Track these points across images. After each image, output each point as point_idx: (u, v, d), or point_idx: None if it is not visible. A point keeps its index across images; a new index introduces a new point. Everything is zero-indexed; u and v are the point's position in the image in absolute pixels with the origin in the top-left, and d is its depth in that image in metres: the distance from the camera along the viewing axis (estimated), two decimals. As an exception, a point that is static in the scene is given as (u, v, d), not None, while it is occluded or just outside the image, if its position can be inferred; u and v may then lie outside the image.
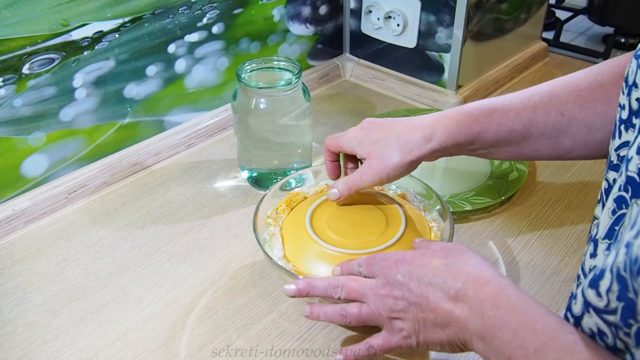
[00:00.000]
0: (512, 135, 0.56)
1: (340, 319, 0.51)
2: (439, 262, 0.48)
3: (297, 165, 0.78)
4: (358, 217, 0.62)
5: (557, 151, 0.57)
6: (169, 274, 0.66)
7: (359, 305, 0.50)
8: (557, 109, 0.55)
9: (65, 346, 0.58)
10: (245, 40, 0.92)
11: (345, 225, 0.61)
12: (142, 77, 0.81)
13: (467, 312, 0.44)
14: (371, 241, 0.59)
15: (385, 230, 0.60)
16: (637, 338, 0.35)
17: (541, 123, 0.55)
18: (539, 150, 0.57)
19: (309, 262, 0.58)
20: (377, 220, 0.61)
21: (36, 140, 0.73)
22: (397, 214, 0.62)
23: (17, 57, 0.68)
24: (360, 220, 0.61)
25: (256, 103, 0.72)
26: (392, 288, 0.48)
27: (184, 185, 0.81)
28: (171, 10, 0.80)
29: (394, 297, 0.48)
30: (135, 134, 0.84)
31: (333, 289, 0.51)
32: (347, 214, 0.62)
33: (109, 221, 0.74)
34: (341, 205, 0.63)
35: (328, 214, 0.62)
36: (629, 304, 0.34)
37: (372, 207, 0.63)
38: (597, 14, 1.25)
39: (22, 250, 0.70)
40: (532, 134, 0.56)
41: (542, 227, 0.72)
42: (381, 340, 0.49)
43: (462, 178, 0.80)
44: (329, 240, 0.59)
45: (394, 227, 0.60)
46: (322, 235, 0.59)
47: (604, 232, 0.44)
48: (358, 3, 1.02)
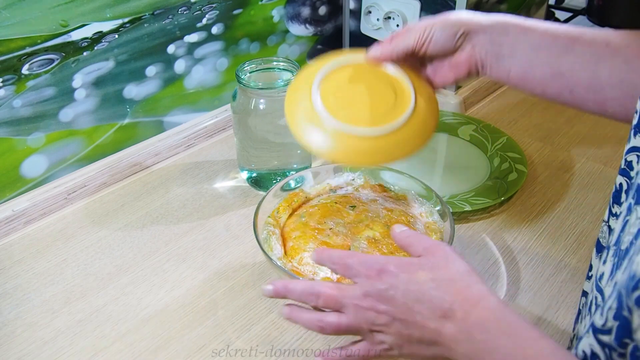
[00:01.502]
0: (557, 40, 0.53)
1: (318, 329, 0.48)
2: (425, 277, 0.45)
3: (297, 165, 0.78)
4: (366, 91, 0.57)
5: (591, 81, 0.52)
6: (168, 274, 0.66)
7: (338, 316, 0.47)
8: (603, 39, 0.51)
9: (65, 347, 0.58)
10: (245, 41, 0.92)
11: (352, 97, 0.56)
12: (142, 77, 0.81)
13: (455, 333, 0.43)
14: (376, 117, 0.54)
15: (392, 108, 0.55)
16: (632, 358, 0.34)
17: (585, 43, 0.52)
18: (576, 72, 0.52)
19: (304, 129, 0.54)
20: (385, 98, 0.56)
21: (36, 141, 0.73)
22: (408, 95, 0.56)
23: (16, 57, 0.68)
24: (368, 94, 0.57)
25: (256, 103, 0.72)
26: (374, 301, 0.46)
27: (184, 185, 0.81)
28: (171, 10, 0.80)
29: (376, 311, 0.46)
30: (134, 134, 0.84)
31: (309, 296, 0.48)
32: (355, 87, 0.57)
33: (109, 222, 0.74)
34: (352, 78, 0.58)
35: (336, 84, 0.57)
36: (624, 323, 0.33)
37: (383, 84, 0.57)
38: (596, 14, 1.25)
39: (22, 251, 0.70)
40: (575, 49, 0.52)
41: (542, 227, 0.72)
42: (362, 351, 0.48)
43: (462, 179, 0.80)
44: (332, 110, 0.54)
45: (400, 108, 0.55)
46: (327, 103, 0.55)
47: (615, 239, 0.43)
48: (357, 4, 1.02)
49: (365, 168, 0.69)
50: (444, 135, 0.90)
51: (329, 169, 0.72)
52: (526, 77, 0.55)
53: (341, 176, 0.71)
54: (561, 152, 0.87)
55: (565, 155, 0.86)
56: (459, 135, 0.89)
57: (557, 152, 0.87)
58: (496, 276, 0.65)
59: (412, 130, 0.56)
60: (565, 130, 0.92)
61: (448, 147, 0.88)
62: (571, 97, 0.54)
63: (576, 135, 0.91)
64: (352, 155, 0.55)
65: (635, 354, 0.35)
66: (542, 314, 0.61)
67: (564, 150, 0.87)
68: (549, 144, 0.89)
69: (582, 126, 0.93)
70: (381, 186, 0.70)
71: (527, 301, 0.62)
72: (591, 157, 0.85)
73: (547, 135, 0.91)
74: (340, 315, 0.47)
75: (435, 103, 0.59)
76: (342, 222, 0.63)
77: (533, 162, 0.84)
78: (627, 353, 0.34)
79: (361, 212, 0.64)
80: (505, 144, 0.85)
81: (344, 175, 0.72)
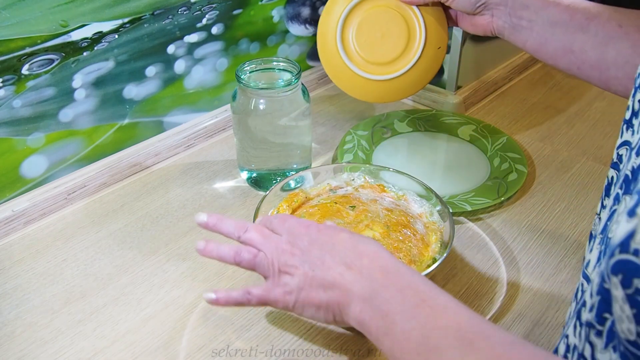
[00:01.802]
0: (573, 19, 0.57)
1: (232, 258, 0.51)
2: (346, 236, 0.50)
3: (297, 166, 0.78)
4: (383, 33, 0.67)
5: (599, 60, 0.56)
6: (168, 274, 0.66)
7: (256, 252, 0.51)
8: (617, 21, 0.55)
9: (64, 347, 0.58)
10: (245, 41, 0.92)
11: (370, 39, 0.68)
12: (142, 77, 0.81)
13: (357, 276, 0.46)
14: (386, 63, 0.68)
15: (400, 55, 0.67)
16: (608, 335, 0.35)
17: (600, 23, 0.55)
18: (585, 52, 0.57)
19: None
20: (397, 43, 0.67)
21: (35, 141, 0.73)
22: (418, 45, 0.67)
23: (16, 57, 0.68)
24: (384, 37, 0.67)
25: (255, 104, 0.72)
26: (293, 246, 0.49)
27: (184, 186, 0.81)
28: (170, 11, 0.80)
29: (292, 254, 0.49)
30: (134, 134, 0.84)
31: (238, 228, 0.52)
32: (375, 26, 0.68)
33: (108, 222, 0.74)
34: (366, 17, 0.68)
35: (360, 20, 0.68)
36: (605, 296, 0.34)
37: (399, 28, 0.67)
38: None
39: (21, 251, 0.70)
40: (589, 29, 0.56)
41: (542, 227, 0.72)
42: (261, 290, 0.50)
43: (462, 179, 0.80)
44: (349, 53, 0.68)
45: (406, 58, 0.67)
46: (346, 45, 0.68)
47: (601, 228, 0.44)
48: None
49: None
50: (444, 136, 0.90)
51: (328, 169, 0.72)
52: (540, 49, 0.61)
53: (341, 176, 0.71)
54: (561, 152, 0.87)
55: (565, 155, 0.86)
56: (459, 135, 0.89)
57: (557, 152, 0.87)
58: (496, 276, 0.65)
59: (410, 79, 0.69)
60: (565, 130, 0.92)
61: (448, 147, 0.88)
62: (578, 72, 0.58)
63: (576, 135, 0.91)
64: (361, 93, 0.71)
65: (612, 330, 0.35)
66: (542, 314, 0.61)
67: (564, 150, 0.87)
68: (549, 144, 0.89)
69: (582, 126, 0.93)
70: (381, 186, 0.70)
71: (527, 301, 0.62)
72: (591, 157, 0.85)
73: (547, 135, 0.91)
74: (258, 252, 0.51)
75: (442, 53, 0.69)
76: (342, 222, 0.63)
77: (533, 162, 0.84)
78: (604, 330, 0.36)
79: (361, 212, 0.64)
80: (505, 144, 0.85)
81: (344, 175, 0.72)
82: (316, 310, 0.48)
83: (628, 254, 0.32)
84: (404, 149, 0.87)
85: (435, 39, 0.67)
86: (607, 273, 0.33)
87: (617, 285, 0.33)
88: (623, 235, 0.33)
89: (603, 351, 0.36)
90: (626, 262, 0.32)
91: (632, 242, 0.32)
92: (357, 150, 0.84)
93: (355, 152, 0.84)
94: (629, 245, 0.32)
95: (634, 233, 0.32)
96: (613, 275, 0.33)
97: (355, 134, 0.88)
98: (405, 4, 0.67)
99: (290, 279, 0.48)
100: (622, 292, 0.33)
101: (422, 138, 0.90)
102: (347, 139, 0.86)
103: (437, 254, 0.60)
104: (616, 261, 0.33)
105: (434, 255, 0.60)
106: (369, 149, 0.86)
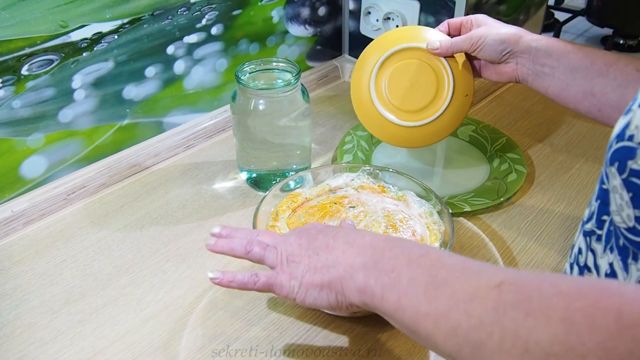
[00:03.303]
0: (594, 65, 0.60)
1: (243, 250, 0.53)
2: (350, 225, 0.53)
3: (296, 166, 0.78)
4: (413, 82, 0.72)
5: (619, 102, 0.58)
6: (168, 275, 0.66)
7: (265, 245, 0.53)
8: (634, 66, 0.58)
9: (64, 347, 0.58)
10: (244, 42, 0.92)
11: (401, 87, 0.72)
12: (141, 78, 0.81)
13: (359, 250, 0.47)
14: (416, 110, 0.72)
15: (430, 103, 0.71)
16: (607, 237, 0.37)
17: (619, 68, 0.58)
18: (606, 94, 0.59)
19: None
20: (427, 92, 0.71)
21: (35, 142, 0.73)
22: (447, 92, 0.70)
23: (16, 58, 0.68)
24: (414, 86, 0.71)
25: (255, 104, 0.72)
26: (301, 238, 0.51)
27: (183, 186, 0.81)
28: (170, 11, 0.80)
29: (299, 245, 0.51)
30: (134, 135, 0.84)
31: (250, 233, 0.54)
32: (406, 75, 0.72)
33: (108, 222, 0.74)
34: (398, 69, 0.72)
35: (392, 69, 0.72)
36: (603, 198, 0.37)
37: (429, 77, 0.71)
38: (596, 15, 1.25)
39: (21, 252, 0.70)
40: (609, 73, 0.59)
41: (541, 228, 0.72)
42: (267, 276, 0.51)
43: (461, 179, 0.80)
44: (382, 99, 0.72)
45: (436, 106, 0.71)
46: (379, 91, 0.73)
47: None
48: (357, 4, 1.02)
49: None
50: (444, 136, 0.90)
51: (328, 169, 0.72)
52: (562, 94, 0.63)
53: (340, 177, 0.71)
54: (561, 152, 0.87)
55: (565, 156, 0.86)
56: (459, 135, 0.89)
57: (557, 152, 0.87)
58: (496, 276, 0.65)
59: (440, 125, 0.72)
60: (565, 130, 0.92)
61: (447, 147, 0.88)
62: (600, 114, 0.61)
63: (576, 135, 0.91)
64: (391, 138, 0.74)
65: (609, 230, 0.38)
66: (541, 314, 0.61)
67: (564, 150, 0.87)
68: (549, 144, 0.89)
69: (582, 126, 0.93)
70: (381, 187, 0.70)
71: (526, 301, 0.62)
72: (591, 158, 0.85)
73: (547, 136, 0.91)
74: (268, 247, 0.52)
75: (469, 100, 0.72)
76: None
77: (532, 163, 0.84)
78: (602, 235, 0.38)
79: (361, 212, 0.64)
80: (504, 144, 0.85)
81: (344, 176, 0.72)
82: (319, 292, 0.48)
83: (623, 141, 0.35)
84: (404, 149, 0.87)
85: (463, 87, 0.71)
86: (606, 169, 0.36)
87: (614, 175, 0.36)
88: (619, 129, 0.36)
89: (602, 255, 0.38)
90: (621, 149, 0.35)
91: (627, 131, 0.35)
92: (357, 151, 0.84)
93: (355, 153, 0.84)
94: (624, 134, 0.36)
95: (629, 123, 0.35)
96: (611, 166, 0.36)
97: (355, 134, 0.88)
98: (433, 56, 0.70)
99: (296, 267, 0.50)
100: (619, 180, 0.36)
101: (421, 138, 0.90)
102: (347, 140, 0.86)
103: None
104: (613, 151, 0.36)
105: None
106: (369, 149, 0.86)
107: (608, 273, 0.39)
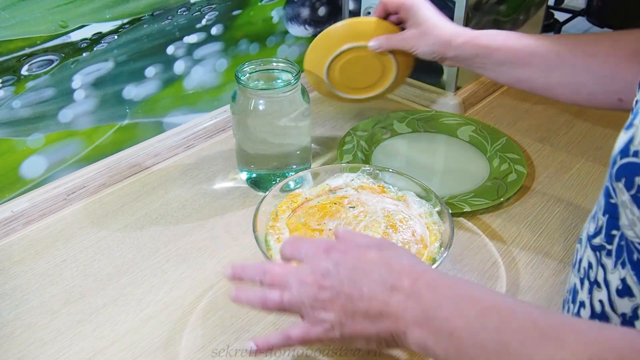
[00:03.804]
0: (517, 57, 0.67)
1: (261, 304, 0.48)
2: (374, 255, 0.46)
3: (296, 166, 0.78)
4: (362, 69, 0.80)
5: (545, 85, 0.66)
6: (167, 275, 0.66)
7: (281, 291, 0.47)
8: (556, 50, 0.65)
9: (64, 348, 0.58)
10: (244, 42, 0.92)
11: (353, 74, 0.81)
12: (141, 78, 0.81)
13: (403, 300, 0.43)
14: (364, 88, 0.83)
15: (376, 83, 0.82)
16: (617, 252, 0.37)
17: (541, 56, 0.65)
18: (533, 80, 0.67)
19: None
20: (373, 75, 0.81)
21: (35, 142, 0.73)
22: (391, 65, 0.80)
23: (15, 58, 0.68)
24: (363, 72, 0.80)
25: (255, 104, 0.72)
26: (318, 277, 0.46)
27: (183, 186, 0.81)
28: (170, 11, 0.80)
29: (320, 286, 0.45)
30: (134, 135, 0.84)
31: (258, 273, 0.49)
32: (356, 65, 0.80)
33: (108, 222, 0.74)
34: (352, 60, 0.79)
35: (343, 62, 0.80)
36: (612, 212, 0.37)
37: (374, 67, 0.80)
38: (595, 15, 1.25)
39: (21, 252, 0.70)
40: (532, 63, 0.66)
41: (541, 228, 0.72)
42: (300, 331, 0.46)
43: (461, 179, 0.80)
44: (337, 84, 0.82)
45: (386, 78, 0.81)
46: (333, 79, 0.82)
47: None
48: (357, 4, 1.02)
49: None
50: (443, 136, 0.90)
51: (328, 169, 0.72)
52: (497, 81, 0.73)
53: (340, 177, 0.71)
54: (561, 152, 0.87)
55: (565, 156, 0.86)
56: (459, 136, 0.89)
57: (557, 152, 0.87)
58: (496, 277, 0.65)
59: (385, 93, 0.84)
60: (565, 130, 0.92)
61: (447, 148, 0.88)
62: (532, 92, 0.70)
63: (576, 135, 0.91)
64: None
65: (620, 245, 0.37)
66: (541, 314, 0.61)
67: (564, 150, 0.87)
68: (549, 144, 0.89)
69: (582, 126, 0.93)
70: (380, 187, 0.70)
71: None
72: (591, 158, 0.85)
73: (547, 136, 0.91)
74: (284, 291, 0.47)
75: (404, 78, 0.83)
76: (342, 223, 0.63)
77: (532, 163, 0.84)
78: (612, 250, 0.37)
79: (360, 212, 0.64)
80: (504, 144, 0.85)
81: (343, 176, 0.72)
82: (367, 342, 0.45)
83: (628, 157, 0.35)
84: (404, 149, 0.87)
85: (404, 70, 0.82)
86: (612, 184, 0.35)
87: (622, 191, 0.36)
88: (622, 144, 0.36)
89: (613, 270, 0.37)
90: (627, 165, 0.35)
91: (631, 147, 0.35)
92: (357, 151, 0.84)
93: (355, 153, 0.84)
94: (628, 149, 0.35)
95: (632, 139, 0.35)
96: (617, 182, 0.36)
97: (355, 134, 0.88)
98: None
99: (327, 314, 0.45)
100: (627, 196, 0.35)
101: (421, 139, 0.90)
102: (347, 140, 0.86)
103: (437, 255, 0.60)
104: (618, 167, 0.36)
105: (434, 256, 0.60)
106: (369, 149, 0.86)
107: (620, 289, 0.38)
